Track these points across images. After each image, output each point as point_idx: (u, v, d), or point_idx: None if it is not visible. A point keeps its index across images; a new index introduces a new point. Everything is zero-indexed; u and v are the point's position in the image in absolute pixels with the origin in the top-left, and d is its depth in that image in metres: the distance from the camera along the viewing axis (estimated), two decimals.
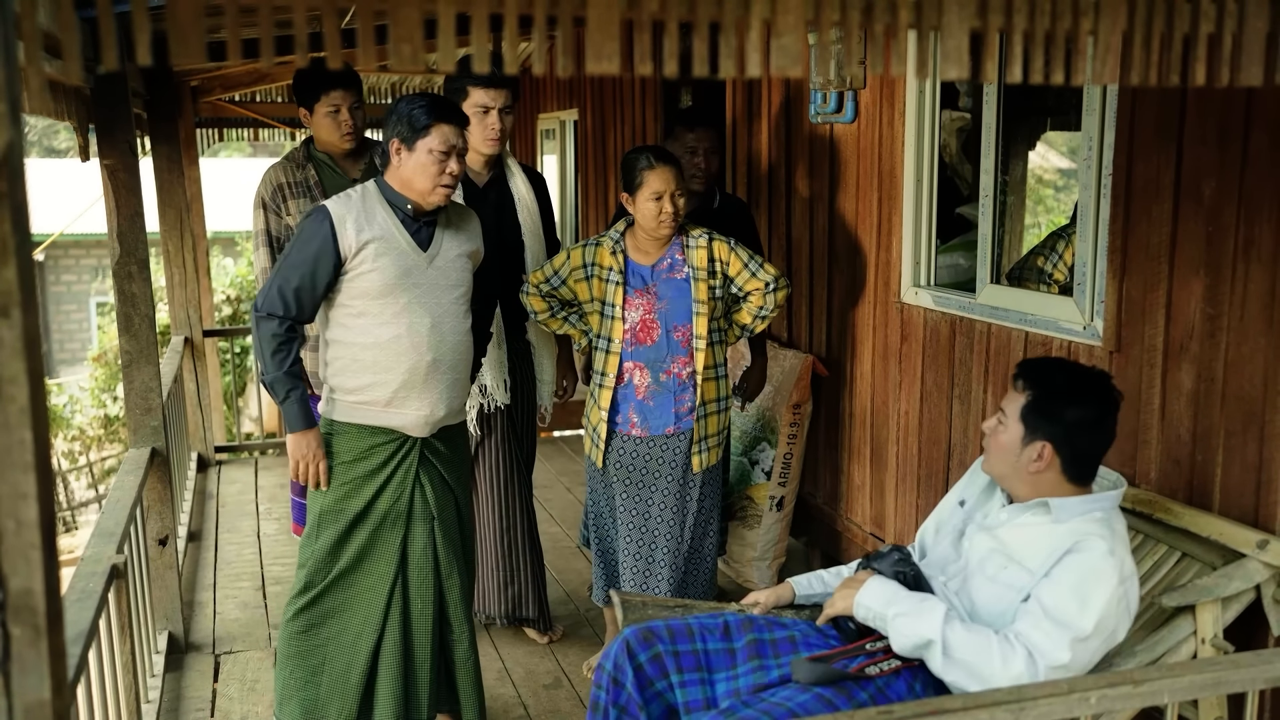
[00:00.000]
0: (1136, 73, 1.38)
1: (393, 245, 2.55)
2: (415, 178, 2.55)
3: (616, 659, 2.12)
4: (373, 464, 2.63)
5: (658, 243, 3.06)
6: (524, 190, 3.40)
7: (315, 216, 2.55)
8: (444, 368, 2.63)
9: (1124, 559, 1.94)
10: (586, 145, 6.78)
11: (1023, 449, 2.01)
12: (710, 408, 3.12)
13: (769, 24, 1.21)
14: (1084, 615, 1.87)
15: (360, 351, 2.58)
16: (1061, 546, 1.95)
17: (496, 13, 1.14)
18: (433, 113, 2.51)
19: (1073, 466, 2.00)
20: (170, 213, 5.18)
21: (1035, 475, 2.01)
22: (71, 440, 12.26)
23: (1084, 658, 1.90)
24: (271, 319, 2.54)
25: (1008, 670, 1.85)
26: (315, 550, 2.65)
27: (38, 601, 1.05)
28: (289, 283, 2.53)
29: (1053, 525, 2.00)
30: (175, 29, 1.03)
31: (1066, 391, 2.00)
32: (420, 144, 2.51)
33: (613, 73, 1.15)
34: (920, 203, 3.52)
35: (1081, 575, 1.90)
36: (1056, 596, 1.90)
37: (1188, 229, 2.51)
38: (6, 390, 1.00)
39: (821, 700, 1.92)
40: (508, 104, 3.23)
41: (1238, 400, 2.40)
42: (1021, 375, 2.05)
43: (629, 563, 3.14)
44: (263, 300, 2.56)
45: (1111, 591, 1.90)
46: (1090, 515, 1.99)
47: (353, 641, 2.65)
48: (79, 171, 13.52)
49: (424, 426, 2.64)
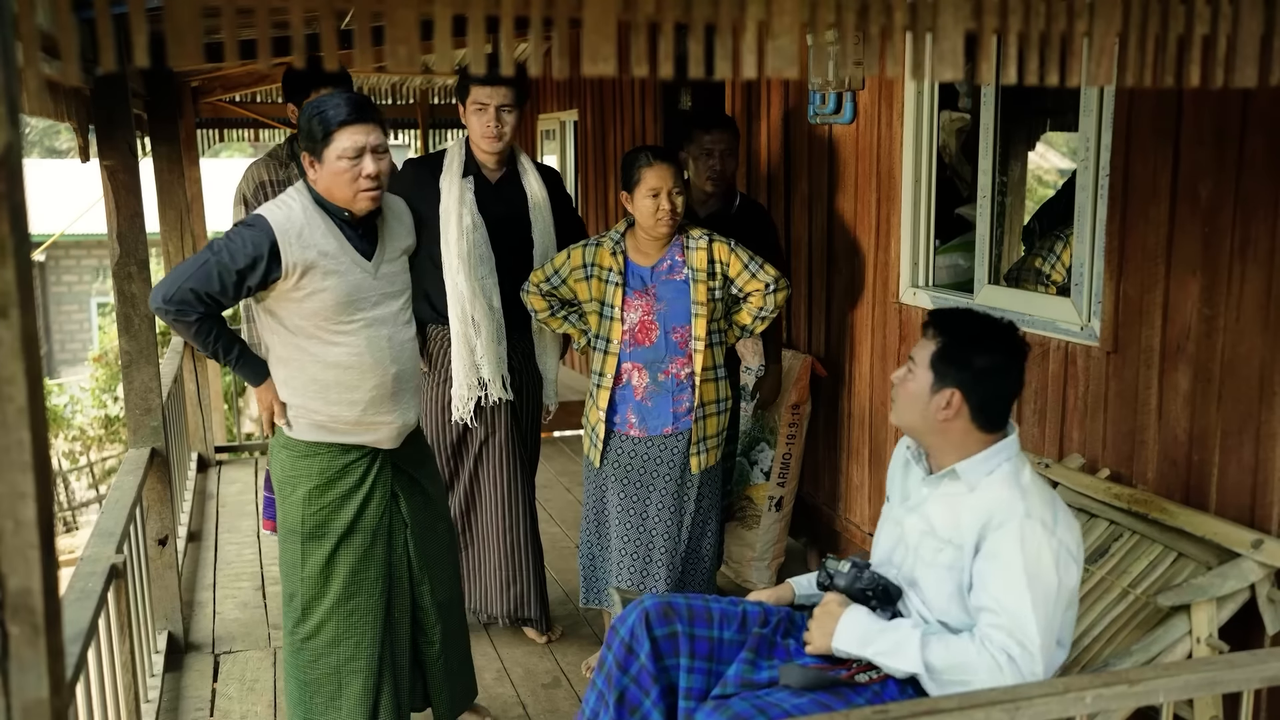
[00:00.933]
0: (1131, 74, 1.39)
1: (339, 262, 2.43)
2: (334, 188, 2.41)
3: (634, 627, 2.10)
4: (350, 482, 2.56)
5: (657, 243, 3.06)
6: (537, 188, 3.39)
7: (256, 231, 2.38)
8: (405, 377, 2.58)
9: (1042, 511, 1.92)
10: (586, 146, 6.79)
11: (931, 396, 1.99)
12: (710, 409, 3.12)
13: (764, 25, 1.22)
14: (1034, 592, 1.86)
15: (320, 372, 2.47)
16: (980, 520, 1.94)
17: (493, 14, 1.15)
18: (333, 116, 2.36)
19: (981, 414, 1.98)
20: (170, 213, 5.18)
21: (944, 424, 1.99)
22: (72, 440, 12.27)
23: (1054, 627, 1.90)
24: (187, 313, 2.38)
25: (995, 678, 1.85)
26: (305, 577, 2.59)
27: (36, 601, 1.05)
28: (209, 285, 2.37)
29: (968, 493, 1.99)
30: (173, 30, 1.04)
31: (975, 338, 2.00)
32: (327, 153, 2.38)
33: (609, 74, 1.16)
34: (919, 203, 3.52)
35: (1011, 553, 1.88)
36: (1000, 588, 1.88)
37: (1185, 230, 2.51)
38: (4, 390, 1.01)
39: (819, 704, 1.92)
40: (507, 102, 3.21)
41: (1234, 400, 2.40)
42: (932, 323, 2.04)
43: (626, 563, 3.14)
44: (171, 294, 2.37)
45: (1047, 553, 1.88)
46: (998, 473, 1.97)
47: (367, 661, 2.62)
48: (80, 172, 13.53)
49: (396, 438, 2.60)
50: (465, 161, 3.31)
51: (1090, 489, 2.66)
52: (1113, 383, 2.75)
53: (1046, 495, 1.97)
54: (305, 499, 2.55)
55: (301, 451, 2.55)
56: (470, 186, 3.27)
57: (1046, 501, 1.95)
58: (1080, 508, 2.71)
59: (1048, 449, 2.98)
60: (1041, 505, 1.93)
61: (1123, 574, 2.47)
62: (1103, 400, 2.78)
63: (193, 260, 2.42)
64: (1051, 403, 2.97)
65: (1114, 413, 2.75)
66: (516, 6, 1.15)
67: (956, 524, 1.98)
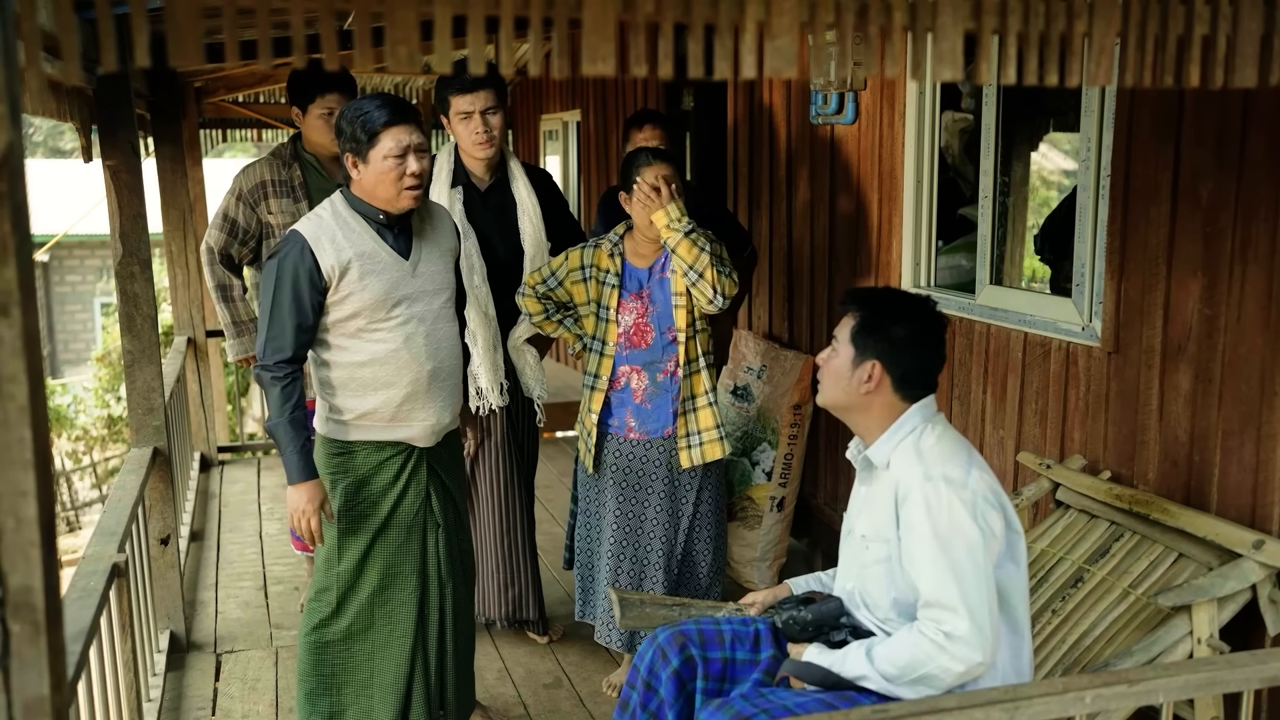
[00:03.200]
0: (1131, 74, 1.39)
1: (375, 261, 2.49)
2: (378, 188, 2.46)
3: (652, 663, 2.14)
4: (386, 478, 2.60)
5: (654, 245, 3.06)
6: (526, 195, 3.37)
7: (290, 248, 2.45)
8: (443, 375, 2.61)
9: (945, 468, 1.89)
10: (589, 146, 6.79)
11: (854, 370, 2.01)
12: (700, 401, 3.08)
13: (764, 26, 1.22)
14: (952, 556, 1.83)
15: (357, 370, 2.52)
16: (890, 501, 1.94)
17: (493, 15, 1.15)
18: (377, 118, 2.42)
19: (904, 385, 2.00)
20: (173, 213, 5.19)
21: (868, 397, 2.00)
22: (75, 440, 12.29)
23: (989, 581, 1.85)
24: (274, 366, 2.47)
25: (942, 661, 1.82)
26: (340, 571, 2.61)
27: (37, 599, 1.06)
28: (283, 328, 2.45)
29: (886, 475, 1.99)
30: (174, 30, 1.04)
31: (892, 310, 2.02)
32: (373, 153, 2.43)
33: (608, 75, 1.16)
34: (920, 204, 3.53)
35: (920, 523, 1.87)
36: (919, 565, 1.87)
37: (1186, 230, 2.51)
38: (6, 389, 1.01)
39: (822, 703, 1.92)
40: (491, 105, 3.19)
41: (1235, 401, 2.40)
42: (850, 300, 2.08)
43: (624, 566, 3.12)
44: (262, 352, 2.49)
45: (960, 508, 1.85)
46: (901, 447, 1.97)
47: (399, 649, 2.64)
48: (84, 172, 13.55)
49: (431, 436, 2.63)
50: (454, 170, 3.30)
51: (1091, 489, 2.66)
52: (1114, 383, 2.75)
53: (952, 450, 1.94)
54: (342, 495, 2.59)
55: (338, 449, 2.59)
56: (460, 196, 3.27)
57: (950, 457, 1.93)
58: (1081, 508, 2.71)
59: (1049, 449, 2.98)
60: (943, 462, 1.91)
61: (1123, 574, 2.47)
62: (1104, 401, 2.78)
63: (265, 312, 2.47)
64: (1052, 403, 2.97)
65: (1115, 413, 2.75)
66: (516, 7, 1.15)
67: (873, 518, 1.99)
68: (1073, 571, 2.57)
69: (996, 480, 1.96)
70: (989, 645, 1.83)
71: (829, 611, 2.05)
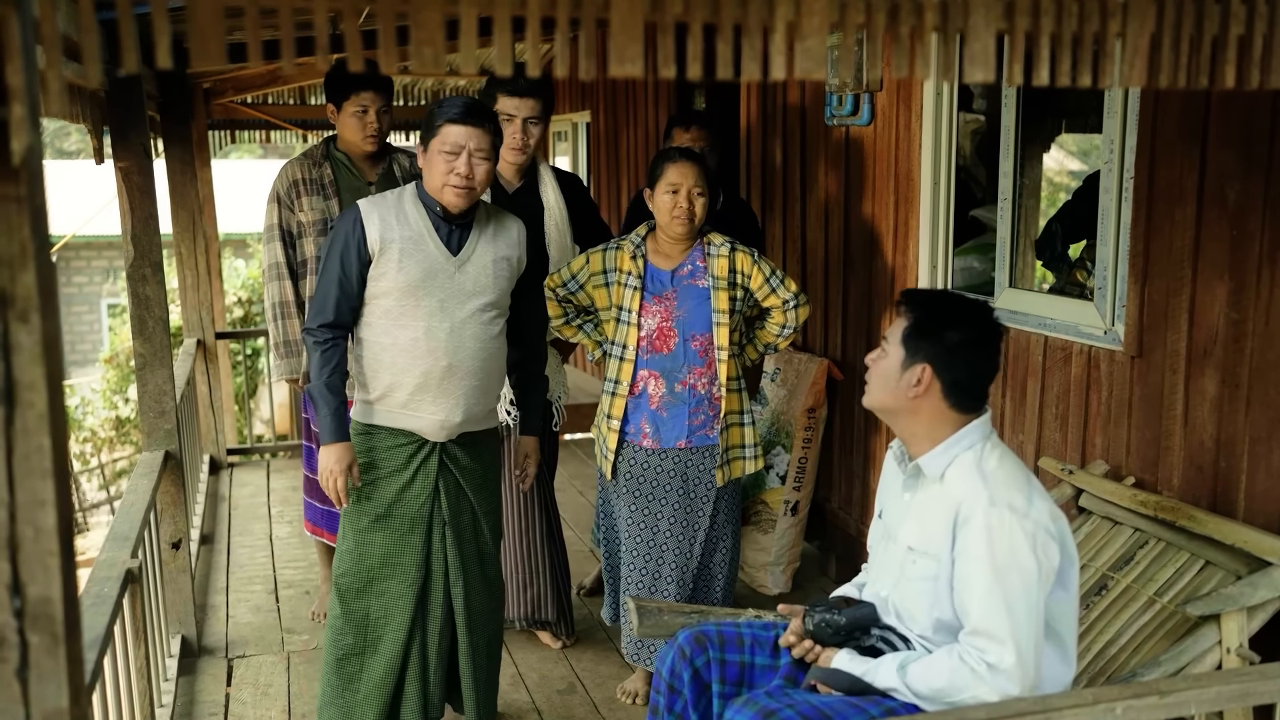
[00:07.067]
0: (1165, 75, 1.36)
1: (420, 246, 2.57)
2: (430, 176, 2.57)
3: (673, 665, 2.13)
4: (395, 463, 2.64)
5: (678, 245, 3.02)
6: (554, 200, 3.36)
7: (346, 215, 2.60)
8: (461, 374, 2.60)
9: (1009, 495, 1.83)
10: (599, 147, 6.77)
11: (902, 373, 1.93)
12: (732, 419, 3.07)
13: (793, 26, 1.19)
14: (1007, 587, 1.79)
15: (380, 351, 2.59)
16: (948, 518, 1.87)
17: (519, 15, 1.13)
18: (445, 112, 2.53)
19: (954, 392, 1.92)
20: (183, 215, 5.18)
21: (916, 401, 1.93)
22: (83, 442, 12.29)
23: (1039, 615, 1.81)
24: (317, 330, 2.58)
25: (980, 693, 1.79)
26: (343, 551, 2.69)
27: (56, 610, 1.03)
28: (328, 292, 2.57)
29: (939, 488, 1.92)
30: (195, 31, 1.02)
31: (948, 314, 1.95)
32: (432, 143, 2.55)
33: (636, 75, 1.14)
34: (937, 205, 3.49)
35: (979, 550, 1.81)
36: (972, 591, 1.81)
37: (1211, 233, 2.48)
38: (25, 396, 0.99)
39: (849, 704, 1.90)
40: (534, 114, 3.20)
41: (1263, 406, 2.37)
42: (904, 301, 2.00)
43: (635, 578, 3.08)
44: (309, 315, 2.63)
45: (1021, 538, 1.80)
46: (959, 462, 1.91)
47: (391, 645, 2.67)
48: (89, 173, 13.56)
49: (440, 431, 2.63)
50: None
51: (1115, 495, 2.62)
52: (1137, 388, 2.72)
53: (1014, 476, 1.88)
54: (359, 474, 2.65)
55: (362, 429, 2.67)
56: (485, 196, 3.25)
57: (1014, 483, 1.86)
58: (1104, 515, 2.67)
59: (1070, 455, 2.95)
60: (1008, 488, 1.85)
61: (1149, 582, 2.43)
62: (1127, 406, 2.75)
63: (319, 277, 2.63)
64: (1074, 408, 2.93)
65: (1138, 418, 2.71)
66: (543, 7, 1.13)
67: (925, 531, 1.92)
68: (1097, 579, 2.53)
69: (1055, 505, 1.91)
70: (1030, 683, 1.79)
71: (863, 617, 2.01)
